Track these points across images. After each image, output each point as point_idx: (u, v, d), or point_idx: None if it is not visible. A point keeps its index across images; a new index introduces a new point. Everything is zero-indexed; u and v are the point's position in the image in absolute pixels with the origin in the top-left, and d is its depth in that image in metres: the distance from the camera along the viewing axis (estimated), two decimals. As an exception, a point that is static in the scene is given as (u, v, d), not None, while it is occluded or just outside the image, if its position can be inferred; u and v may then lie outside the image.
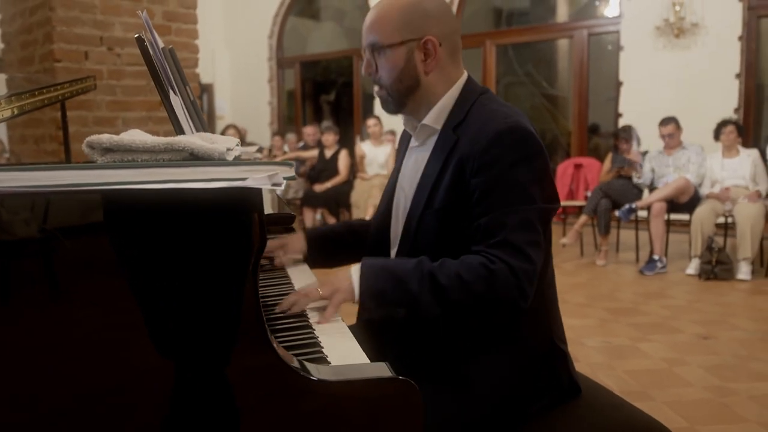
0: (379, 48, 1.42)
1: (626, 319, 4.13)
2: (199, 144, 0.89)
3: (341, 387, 0.89)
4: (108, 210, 0.84)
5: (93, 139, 0.88)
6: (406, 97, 1.46)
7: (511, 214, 1.30)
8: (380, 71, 1.45)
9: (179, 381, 0.88)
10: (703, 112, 6.53)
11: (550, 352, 1.47)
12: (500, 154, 1.31)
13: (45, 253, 0.83)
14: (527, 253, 1.29)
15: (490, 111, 1.40)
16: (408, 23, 1.41)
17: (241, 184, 0.83)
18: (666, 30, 7.21)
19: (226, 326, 0.88)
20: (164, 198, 0.83)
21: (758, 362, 3.34)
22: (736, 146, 5.56)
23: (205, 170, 0.84)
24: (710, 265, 5.10)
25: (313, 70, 11.75)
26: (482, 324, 1.40)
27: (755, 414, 2.73)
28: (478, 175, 1.33)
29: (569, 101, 8.73)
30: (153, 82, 1.12)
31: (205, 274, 0.87)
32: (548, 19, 8.89)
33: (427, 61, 1.42)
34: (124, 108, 3.60)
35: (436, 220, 1.39)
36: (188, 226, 0.86)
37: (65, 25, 3.35)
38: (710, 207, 5.33)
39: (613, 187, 5.88)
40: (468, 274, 1.27)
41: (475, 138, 1.35)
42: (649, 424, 1.48)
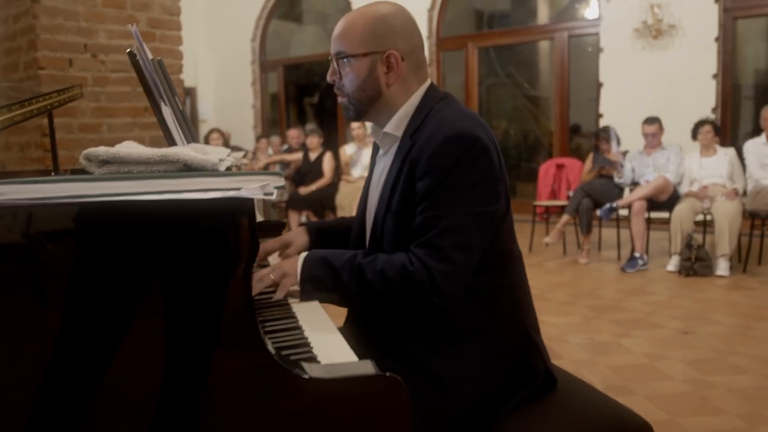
0: (344, 57, 1.49)
1: (608, 316, 4.21)
2: (192, 155, 0.93)
3: (332, 385, 0.94)
4: (107, 220, 0.88)
5: (90, 151, 0.91)
6: (368, 106, 1.53)
7: (441, 217, 1.37)
8: (343, 79, 1.51)
9: (175, 381, 0.92)
10: (681, 112, 6.64)
11: (524, 343, 1.53)
12: (443, 160, 1.37)
13: (46, 261, 0.87)
14: (448, 256, 1.35)
15: (442, 117, 1.45)
16: (373, 36, 1.47)
17: (235, 194, 0.88)
18: (644, 32, 7.32)
19: (221, 329, 0.92)
20: (162, 208, 0.88)
21: (736, 356, 3.43)
22: (714, 145, 5.67)
23: (200, 181, 0.89)
24: (690, 261, 5.19)
25: (296, 73, 11.76)
26: (448, 316, 1.45)
27: (734, 406, 2.80)
28: (422, 180, 1.40)
29: (551, 102, 8.82)
30: (145, 94, 1.15)
31: (200, 279, 0.91)
32: (529, 22, 8.98)
33: (389, 74, 1.49)
34: (109, 114, 3.62)
35: (394, 223, 1.47)
36: (185, 234, 0.90)
37: (49, 33, 3.36)
38: (689, 205, 5.43)
39: (595, 187, 5.97)
40: (390, 270, 1.36)
41: (424, 144, 1.42)
42: (630, 418, 1.53)
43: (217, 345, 0.93)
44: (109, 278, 0.89)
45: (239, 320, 0.91)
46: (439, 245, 1.35)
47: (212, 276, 0.92)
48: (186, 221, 0.90)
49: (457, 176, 1.37)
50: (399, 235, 1.46)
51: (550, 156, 8.33)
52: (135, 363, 0.91)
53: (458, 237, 1.36)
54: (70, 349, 0.90)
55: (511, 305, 1.52)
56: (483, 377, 1.46)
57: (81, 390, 0.91)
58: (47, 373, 0.90)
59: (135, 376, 0.92)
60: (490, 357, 1.47)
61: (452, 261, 1.35)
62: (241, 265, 0.91)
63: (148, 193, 0.86)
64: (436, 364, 1.45)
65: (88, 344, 0.90)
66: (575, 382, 1.66)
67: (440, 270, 1.34)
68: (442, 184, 1.37)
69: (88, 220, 0.88)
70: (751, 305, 4.40)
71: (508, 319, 1.51)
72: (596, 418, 1.51)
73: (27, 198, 0.83)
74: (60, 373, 0.90)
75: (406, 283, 1.35)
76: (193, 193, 0.87)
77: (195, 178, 0.89)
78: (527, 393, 1.51)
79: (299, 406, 0.94)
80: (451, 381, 1.43)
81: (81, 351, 0.90)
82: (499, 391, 1.47)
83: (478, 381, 1.45)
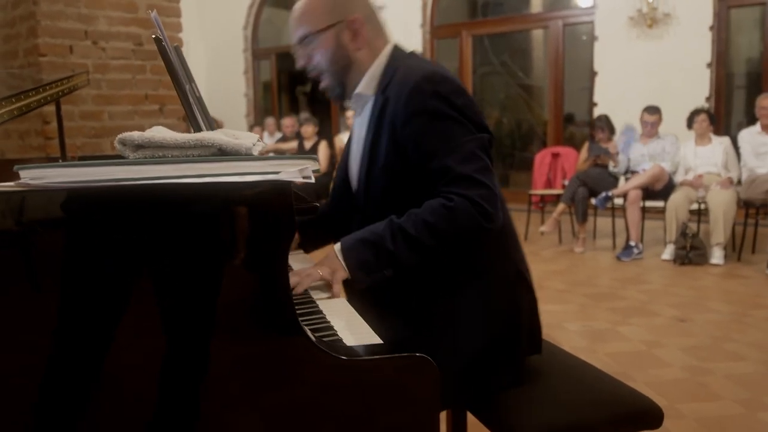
0: (310, 37, 1.52)
1: (605, 304, 4.24)
2: (226, 140, 0.94)
3: (368, 365, 0.95)
4: (150, 203, 0.89)
5: (125, 136, 0.92)
6: (344, 77, 1.56)
7: (453, 152, 1.39)
8: (315, 59, 1.54)
9: (216, 363, 0.93)
10: (675, 101, 6.67)
11: (515, 280, 1.53)
12: (422, 101, 1.40)
13: (90, 245, 0.88)
14: (479, 180, 1.38)
15: (409, 68, 1.49)
16: (333, 8, 1.51)
17: (276, 177, 0.89)
18: (639, 20, 7.35)
19: (263, 310, 0.93)
20: (205, 191, 0.89)
21: (732, 343, 3.47)
22: (709, 134, 5.70)
23: (238, 165, 0.90)
24: (685, 250, 5.24)
25: (289, 61, 11.64)
26: (453, 260, 1.45)
27: (731, 392, 2.84)
28: (406, 127, 1.42)
29: (544, 91, 8.84)
30: (172, 80, 1.15)
31: (243, 261, 0.92)
32: (522, 10, 8.98)
33: (357, 39, 1.53)
34: (110, 102, 3.60)
35: (383, 179, 1.49)
36: (226, 217, 0.92)
37: (49, 19, 3.34)
38: (684, 194, 5.47)
39: (590, 176, 6.00)
40: (432, 216, 1.37)
41: (397, 94, 1.45)
42: (641, 401, 1.55)
43: (256, 328, 0.94)
44: (152, 261, 0.91)
45: (279, 302, 0.93)
46: (466, 174, 1.37)
47: (253, 258, 0.93)
48: (227, 205, 0.91)
49: (443, 111, 1.40)
50: (389, 189, 1.48)
51: (544, 145, 8.36)
52: (176, 344, 0.92)
53: (476, 162, 1.39)
54: (116, 334, 0.91)
55: (502, 244, 1.53)
56: (480, 324, 1.46)
57: (134, 374, 0.92)
58: (94, 353, 0.91)
59: (177, 357, 0.93)
60: (487, 301, 1.48)
61: (485, 184, 1.38)
62: (281, 248, 0.93)
63: (189, 177, 0.87)
64: (437, 316, 1.46)
65: (138, 327, 0.91)
66: (584, 366, 1.68)
67: (480, 194, 1.36)
68: (433, 123, 1.40)
69: (129, 203, 0.89)
70: (746, 293, 4.44)
71: (500, 259, 1.52)
72: (608, 401, 1.53)
73: (68, 181, 0.84)
74: (113, 355, 0.91)
75: (453, 221, 1.35)
76: (234, 176, 0.88)
77: (233, 162, 0.90)
78: (526, 346, 1.52)
79: (335, 388, 0.96)
80: (452, 332, 1.45)
81: (128, 334, 0.91)
82: (496, 343, 1.47)
83: (476, 329, 1.45)
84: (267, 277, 0.93)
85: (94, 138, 3.50)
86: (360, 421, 0.96)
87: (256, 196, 0.91)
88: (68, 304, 0.89)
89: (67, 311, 0.89)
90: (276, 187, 0.90)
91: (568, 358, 1.72)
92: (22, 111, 1.61)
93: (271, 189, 0.90)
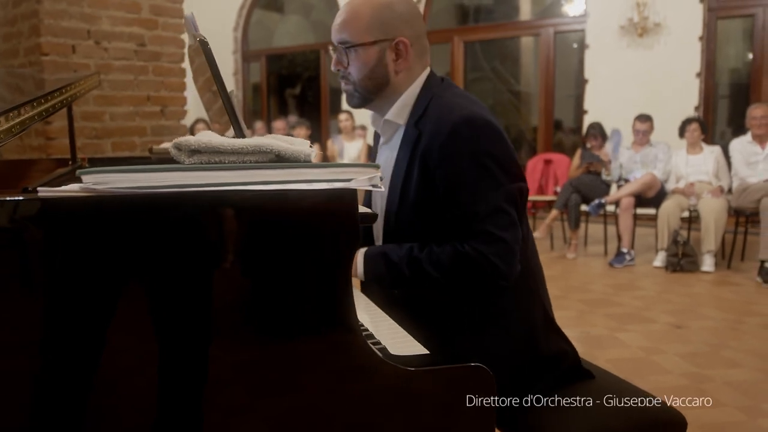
0: (351, 46, 1.48)
1: (602, 310, 4.27)
2: (285, 147, 0.93)
3: (428, 375, 0.95)
4: (213, 209, 0.88)
5: (181, 140, 0.91)
6: (374, 94, 1.52)
7: (478, 204, 1.37)
8: (350, 68, 1.50)
9: (277, 370, 0.93)
10: (664, 110, 6.74)
11: (543, 323, 1.55)
12: (459, 146, 1.37)
13: (155, 250, 0.87)
14: (498, 236, 1.36)
15: (447, 104, 1.45)
16: (381, 24, 1.47)
17: (346, 185, 0.88)
18: (630, 29, 7.41)
19: (327, 319, 0.93)
20: (275, 198, 0.88)
21: (729, 350, 3.51)
22: (700, 143, 5.77)
23: (302, 171, 0.89)
24: (676, 257, 5.29)
25: (279, 63, 11.67)
26: (476, 299, 1.46)
27: (732, 399, 2.87)
28: (440, 168, 1.39)
29: (534, 97, 8.89)
30: (216, 83, 1.14)
31: (308, 269, 0.92)
32: (512, 17, 9.03)
33: (398, 61, 1.49)
34: (111, 103, 3.56)
35: (412, 214, 1.46)
36: (292, 224, 0.92)
37: (52, 18, 3.30)
38: (676, 202, 5.53)
39: (583, 183, 6.04)
40: (447, 260, 1.36)
41: (433, 132, 1.41)
42: (664, 411, 1.56)
43: (318, 338, 0.94)
44: (220, 267, 0.90)
45: (343, 312, 0.92)
46: (487, 230, 1.36)
47: (319, 266, 0.93)
48: (295, 212, 0.91)
49: (478, 159, 1.37)
50: (419, 225, 1.46)
51: (534, 151, 8.40)
52: (247, 349, 0.92)
53: (501, 217, 1.38)
54: (183, 336, 0.90)
55: (527, 287, 1.53)
56: (507, 361, 1.46)
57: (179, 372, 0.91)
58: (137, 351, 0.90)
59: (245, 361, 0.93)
60: (513, 340, 1.48)
61: (504, 240, 1.36)
62: (345, 257, 0.92)
63: (256, 184, 0.86)
64: (462, 349, 1.45)
65: (202, 330, 0.91)
66: (606, 375, 1.69)
67: (496, 252, 1.35)
68: (465, 171, 1.37)
69: (192, 210, 0.88)
70: (738, 300, 4.50)
71: (525, 302, 1.52)
72: (632, 410, 1.53)
73: (132, 187, 0.83)
74: (164, 358, 0.90)
75: (466, 272, 1.36)
76: (299, 183, 0.88)
77: (296, 169, 0.90)
78: (557, 377, 1.53)
79: (395, 398, 0.95)
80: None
81: (195, 337, 0.91)
82: (524, 375, 1.48)
83: (502, 365, 1.46)
84: (332, 286, 0.92)
85: (95, 139, 3.46)
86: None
87: (323, 204, 0.90)
88: (150, 310, 0.88)
89: (152, 317, 0.88)
90: (341, 195, 0.90)
91: (590, 367, 1.72)
92: (42, 116, 1.59)
93: (337, 197, 0.90)
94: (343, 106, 9.08)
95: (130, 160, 2.46)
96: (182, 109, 3.99)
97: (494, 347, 1.45)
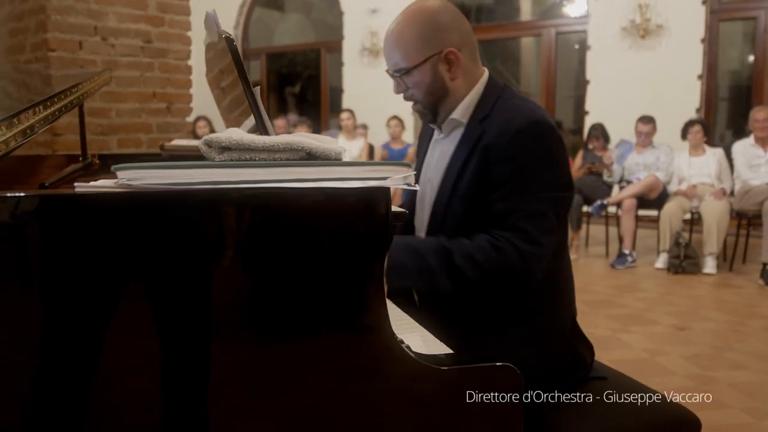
0: (406, 71, 1.51)
1: (604, 311, 4.28)
2: (316, 144, 0.93)
3: (459, 374, 0.95)
4: (248, 207, 0.88)
5: (211, 137, 0.90)
6: (438, 106, 1.56)
7: (525, 202, 1.40)
8: (411, 90, 1.54)
9: (306, 369, 0.93)
10: (666, 112, 6.75)
11: (570, 331, 1.57)
12: (523, 146, 1.41)
13: (191, 250, 0.87)
14: (535, 238, 1.39)
15: (514, 106, 1.48)
16: (427, 41, 1.49)
17: (382, 183, 0.88)
18: (632, 31, 7.42)
19: (360, 320, 0.93)
20: (310, 196, 0.88)
21: (733, 352, 3.51)
22: (702, 145, 5.78)
23: (336, 170, 0.89)
24: (678, 259, 5.30)
25: (279, 62, 11.67)
26: (505, 299, 1.48)
27: (737, 401, 2.88)
28: (500, 164, 1.42)
29: (535, 98, 8.89)
30: (241, 80, 1.14)
31: (341, 268, 0.92)
32: (513, 17, 9.04)
33: (452, 70, 1.51)
34: (118, 99, 3.55)
35: (461, 206, 1.49)
36: (329, 222, 0.92)
37: (59, 14, 3.29)
38: (678, 204, 5.53)
39: (585, 184, 6.05)
40: (478, 252, 1.37)
41: (500, 130, 1.44)
42: (679, 412, 1.56)
43: (350, 339, 0.93)
44: (252, 263, 0.90)
45: (376, 313, 0.92)
46: (526, 228, 1.38)
47: (354, 264, 0.93)
48: (328, 209, 0.91)
49: (538, 162, 1.41)
50: (465, 218, 1.48)
51: (535, 152, 8.39)
52: (276, 346, 0.93)
53: (542, 221, 1.40)
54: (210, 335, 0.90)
55: (560, 293, 1.56)
56: (529, 363, 1.47)
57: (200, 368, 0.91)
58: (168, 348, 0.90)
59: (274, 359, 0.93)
60: (540, 343, 1.50)
61: (540, 244, 1.38)
62: (379, 256, 0.92)
63: (288, 181, 0.86)
64: (486, 349, 1.46)
65: (229, 328, 0.91)
66: (621, 376, 1.69)
67: (530, 252, 1.37)
68: (523, 169, 1.41)
69: (226, 206, 0.87)
70: (741, 303, 4.50)
71: (556, 307, 1.54)
72: (648, 411, 1.53)
73: (166, 183, 0.82)
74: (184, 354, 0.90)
75: (498, 266, 1.36)
76: (334, 182, 0.88)
77: (330, 167, 0.89)
78: (574, 381, 1.54)
79: (425, 397, 0.95)
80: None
81: (232, 336, 0.91)
82: (546, 377, 1.49)
83: (526, 366, 1.47)
84: (365, 285, 0.92)
85: (100, 135, 3.46)
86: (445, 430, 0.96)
87: (358, 202, 0.90)
88: (185, 307, 0.88)
89: (173, 315, 0.88)
90: (375, 193, 0.90)
91: (600, 368, 1.72)
92: (61, 111, 1.58)
93: (371, 195, 0.90)
94: (345, 104, 9.08)
95: (140, 157, 2.45)
96: (188, 107, 3.98)
97: (520, 347, 1.45)
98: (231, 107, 1.64)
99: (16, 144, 1.08)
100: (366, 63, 9.13)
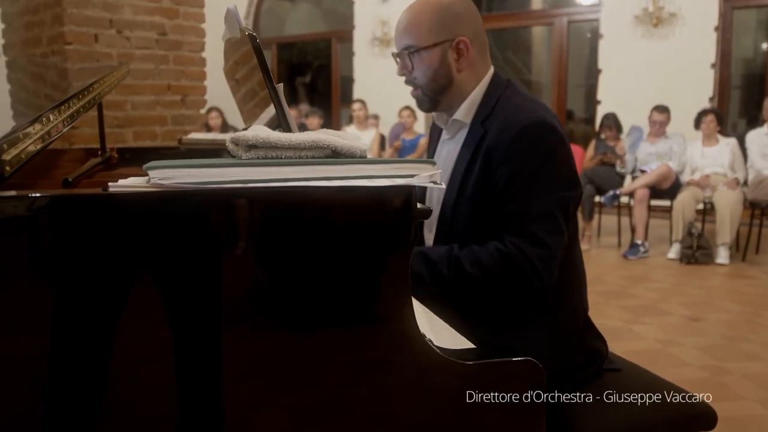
0: (415, 50, 1.52)
1: (617, 302, 4.28)
2: (342, 143, 0.94)
3: (482, 369, 0.97)
4: (276, 205, 0.90)
5: (238, 135, 0.92)
6: (440, 95, 1.56)
7: (531, 205, 1.41)
8: (415, 72, 1.55)
9: (331, 371, 0.95)
10: (678, 101, 6.69)
11: (584, 324, 1.58)
12: (524, 148, 1.41)
13: (210, 250, 0.89)
14: (542, 240, 1.40)
15: (515, 105, 1.49)
16: (441, 25, 1.50)
17: (409, 181, 0.90)
18: (645, 19, 7.36)
19: (386, 317, 0.95)
20: (340, 195, 0.90)
21: (747, 343, 3.51)
22: (716, 135, 5.75)
23: (363, 168, 0.91)
24: (691, 249, 5.28)
25: (290, 51, 11.66)
26: (518, 298, 1.49)
27: (751, 392, 2.88)
28: (503, 167, 1.43)
29: (547, 87, 8.86)
30: (264, 77, 1.15)
31: (373, 263, 0.94)
32: (525, 6, 8.99)
33: (460, 60, 1.52)
34: (133, 92, 3.57)
35: (468, 207, 1.50)
36: (355, 221, 0.93)
37: (75, 7, 3.30)
38: (691, 194, 5.51)
39: (598, 174, 6.04)
40: (487, 259, 1.39)
41: (501, 131, 1.45)
42: (694, 406, 1.57)
43: (376, 334, 0.95)
44: (282, 261, 0.91)
45: (402, 310, 0.94)
46: (533, 231, 1.39)
47: (381, 261, 0.94)
48: (356, 207, 0.92)
49: (540, 163, 1.41)
50: (473, 219, 1.49)
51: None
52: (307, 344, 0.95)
53: (549, 222, 1.41)
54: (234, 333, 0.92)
55: (572, 286, 1.57)
56: (544, 357, 1.49)
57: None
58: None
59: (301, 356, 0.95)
60: (555, 338, 1.51)
61: (548, 245, 1.39)
62: (404, 253, 0.93)
63: (316, 179, 0.87)
64: (506, 344, 1.48)
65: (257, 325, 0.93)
66: (637, 369, 1.70)
67: (538, 254, 1.38)
68: (525, 171, 1.41)
69: (255, 205, 0.89)
70: (755, 293, 4.49)
71: (568, 300, 1.56)
72: (664, 403, 1.54)
73: (197, 182, 0.84)
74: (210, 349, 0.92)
75: (507, 271, 1.38)
76: (362, 180, 0.89)
77: (356, 166, 0.91)
78: (589, 373, 1.55)
79: (448, 391, 0.97)
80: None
81: (267, 331, 0.93)
82: (561, 371, 1.50)
83: (544, 361, 1.48)
84: (393, 280, 0.94)
85: (116, 128, 3.48)
86: (468, 425, 0.97)
87: (385, 199, 0.92)
88: (217, 304, 0.91)
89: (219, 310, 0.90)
90: (402, 191, 0.91)
91: (619, 360, 1.73)
92: (85, 109, 1.60)
93: (397, 193, 0.91)
94: (356, 95, 9.07)
95: (158, 151, 2.47)
96: (202, 99, 4.00)
97: (538, 343, 1.46)
98: (246, 98, 1.65)
99: (44, 144, 1.10)
100: (377, 53, 9.11)
